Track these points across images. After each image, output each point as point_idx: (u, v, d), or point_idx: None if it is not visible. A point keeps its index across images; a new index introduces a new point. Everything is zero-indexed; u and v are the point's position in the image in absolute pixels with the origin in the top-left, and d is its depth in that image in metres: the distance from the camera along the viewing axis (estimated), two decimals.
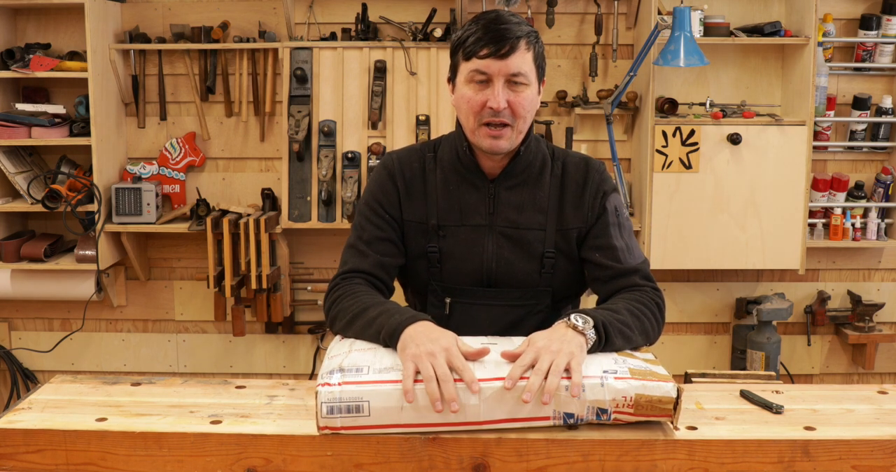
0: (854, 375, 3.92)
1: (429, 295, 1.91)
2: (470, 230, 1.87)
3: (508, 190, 1.87)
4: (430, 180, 1.90)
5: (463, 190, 1.88)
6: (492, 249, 1.87)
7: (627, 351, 1.65)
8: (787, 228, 3.52)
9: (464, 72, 1.80)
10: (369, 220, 1.89)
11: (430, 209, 1.88)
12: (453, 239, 1.87)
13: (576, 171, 1.90)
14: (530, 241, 1.86)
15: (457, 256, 1.87)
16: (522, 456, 1.48)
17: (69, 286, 3.68)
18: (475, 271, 1.87)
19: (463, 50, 1.79)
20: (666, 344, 3.86)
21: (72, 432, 1.51)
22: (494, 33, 1.74)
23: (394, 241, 1.88)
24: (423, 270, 1.90)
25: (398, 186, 1.90)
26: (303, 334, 3.88)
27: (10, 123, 3.44)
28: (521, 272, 1.87)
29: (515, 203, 1.87)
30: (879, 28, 3.57)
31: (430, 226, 1.88)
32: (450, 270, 1.88)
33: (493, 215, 1.87)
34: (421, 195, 1.89)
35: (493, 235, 1.87)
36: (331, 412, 1.46)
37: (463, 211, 1.87)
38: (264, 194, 3.67)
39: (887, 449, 1.49)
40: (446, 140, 1.94)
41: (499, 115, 1.76)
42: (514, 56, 1.74)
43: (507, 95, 1.76)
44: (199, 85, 3.67)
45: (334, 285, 1.83)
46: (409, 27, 3.59)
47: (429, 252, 1.88)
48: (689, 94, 3.68)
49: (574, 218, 1.87)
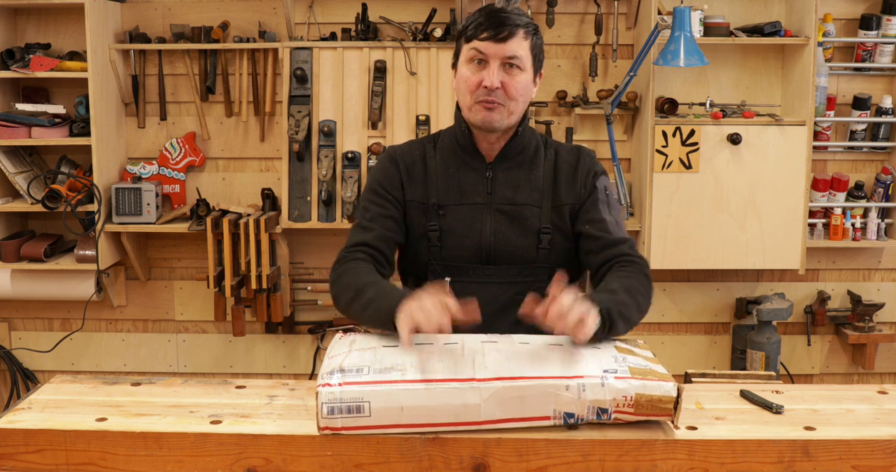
0: (854, 375, 3.92)
1: (429, 276, 1.98)
2: (469, 209, 1.96)
3: (505, 171, 1.97)
4: (430, 165, 2.00)
5: (462, 172, 1.98)
6: (490, 225, 1.95)
7: (627, 348, 1.65)
8: (787, 228, 3.52)
9: (464, 53, 1.90)
10: (372, 201, 1.99)
11: (431, 190, 1.97)
12: (453, 217, 1.96)
13: (568, 154, 2.01)
14: (527, 216, 1.95)
15: (457, 233, 1.95)
16: (522, 456, 1.48)
17: (69, 286, 3.68)
18: (474, 247, 1.95)
19: (465, 34, 1.90)
20: (666, 344, 3.86)
21: (72, 432, 1.51)
22: (495, 19, 1.86)
23: (395, 219, 1.97)
24: (423, 249, 1.97)
25: (400, 170, 1.99)
26: (303, 334, 3.88)
27: (10, 123, 3.44)
28: (519, 248, 1.95)
29: (512, 182, 1.96)
30: (879, 28, 3.57)
31: (431, 205, 1.96)
32: (450, 247, 1.96)
33: (490, 194, 1.96)
34: (422, 178, 1.99)
35: (491, 212, 1.95)
36: (331, 413, 1.46)
37: (462, 191, 1.97)
38: (264, 194, 3.67)
39: (887, 449, 1.49)
40: (446, 131, 2.05)
41: (492, 94, 1.86)
42: (512, 41, 1.85)
43: (502, 76, 1.86)
44: (199, 85, 3.67)
45: (339, 258, 1.93)
46: (409, 27, 3.60)
47: (429, 231, 1.96)
48: (689, 94, 3.67)
49: (567, 195, 1.97)
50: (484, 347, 1.59)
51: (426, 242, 1.97)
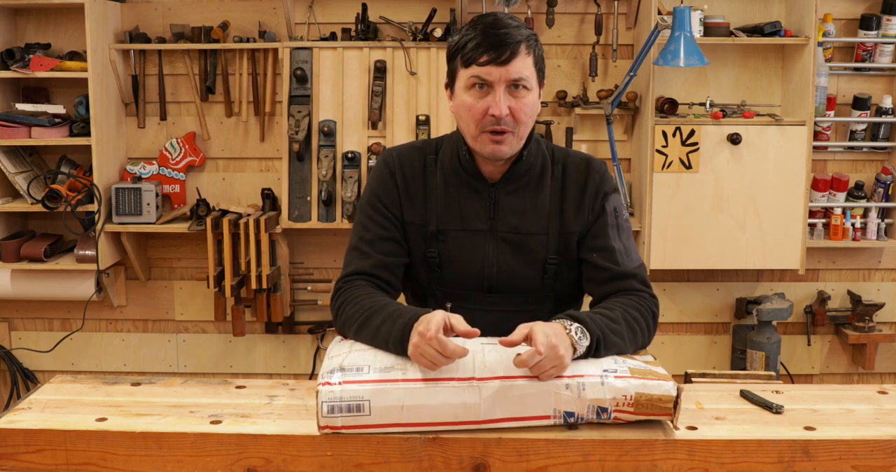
0: (854, 375, 3.92)
1: (429, 299, 1.90)
2: (470, 235, 1.84)
3: (509, 194, 1.84)
4: (430, 182, 1.86)
5: (463, 194, 1.85)
6: (493, 254, 1.84)
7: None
8: (787, 228, 3.52)
9: (463, 78, 1.76)
10: (371, 218, 1.86)
11: (430, 213, 1.85)
12: (453, 244, 1.85)
13: (576, 172, 1.86)
14: (532, 246, 1.84)
15: (457, 261, 1.85)
16: (522, 456, 1.48)
17: (69, 286, 3.68)
18: (476, 276, 1.85)
19: (462, 56, 1.75)
20: (666, 344, 3.86)
21: (72, 432, 1.51)
22: (494, 39, 1.71)
23: (397, 240, 1.85)
24: (423, 273, 1.88)
25: (398, 185, 1.86)
26: (303, 334, 3.88)
27: (10, 123, 3.44)
28: (523, 278, 1.85)
29: (516, 208, 1.84)
30: (879, 28, 3.57)
31: (430, 231, 1.85)
32: (450, 275, 1.86)
33: (493, 220, 1.84)
34: (421, 197, 1.86)
35: (493, 240, 1.84)
36: (331, 412, 1.46)
37: (463, 216, 1.85)
38: (264, 194, 3.67)
39: (887, 449, 1.49)
40: (448, 141, 1.91)
41: (500, 122, 1.73)
42: (515, 62, 1.71)
43: (509, 101, 1.73)
44: (199, 85, 3.67)
45: (337, 289, 1.81)
46: (409, 27, 3.59)
47: (428, 257, 1.86)
48: (689, 94, 3.67)
49: (575, 221, 1.85)
50: (484, 347, 1.59)
51: (425, 266, 1.87)
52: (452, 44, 1.79)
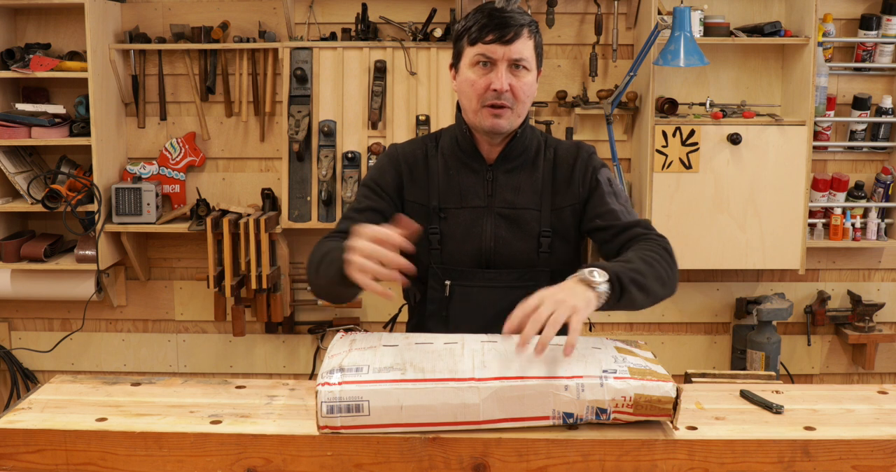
0: (854, 375, 3.92)
1: (429, 279, 1.96)
2: (469, 212, 1.94)
3: (506, 173, 1.95)
4: (431, 166, 1.98)
5: (463, 174, 1.96)
6: (490, 229, 1.93)
7: (627, 348, 1.64)
8: (787, 228, 3.52)
9: (468, 56, 1.88)
10: (364, 194, 1.98)
11: (432, 192, 1.96)
12: (453, 220, 1.94)
13: (566, 153, 1.98)
14: (527, 220, 1.93)
15: (457, 237, 1.94)
16: (522, 456, 1.48)
17: (69, 286, 3.68)
18: (474, 251, 1.94)
19: (468, 36, 1.87)
20: (666, 344, 3.86)
21: (72, 432, 1.51)
22: (499, 20, 1.84)
23: (384, 212, 1.94)
24: (423, 252, 1.95)
25: (401, 170, 1.98)
26: (303, 334, 3.88)
27: (10, 123, 3.44)
28: (519, 251, 1.93)
29: (512, 185, 1.94)
30: (879, 28, 3.57)
31: (431, 208, 1.95)
32: (450, 251, 1.95)
33: (491, 197, 1.94)
34: (423, 179, 1.97)
35: (491, 215, 1.94)
36: (331, 412, 1.46)
37: (462, 194, 1.95)
38: (264, 194, 3.67)
39: (887, 449, 1.49)
40: (447, 131, 2.03)
41: (501, 97, 1.84)
42: (518, 42, 1.84)
43: (510, 79, 1.84)
44: (199, 85, 3.67)
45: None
46: (409, 27, 3.60)
47: (430, 234, 1.94)
48: (689, 94, 3.68)
49: (566, 196, 1.94)
50: (483, 347, 1.59)
51: (426, 245, 1.95)
52: (460, 27, 1.92)
